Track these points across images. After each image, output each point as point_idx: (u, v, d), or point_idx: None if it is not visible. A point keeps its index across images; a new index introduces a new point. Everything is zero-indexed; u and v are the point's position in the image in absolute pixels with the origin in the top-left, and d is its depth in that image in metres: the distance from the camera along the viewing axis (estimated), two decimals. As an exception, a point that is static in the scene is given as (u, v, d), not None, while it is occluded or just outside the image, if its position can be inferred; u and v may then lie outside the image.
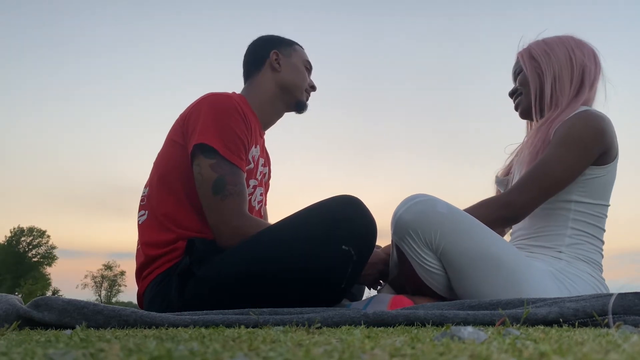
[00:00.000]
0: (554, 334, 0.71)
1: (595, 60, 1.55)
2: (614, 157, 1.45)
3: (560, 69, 1.53)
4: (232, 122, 1.42)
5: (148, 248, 1.45)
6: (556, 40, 1.58)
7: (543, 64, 1.56)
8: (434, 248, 1.33)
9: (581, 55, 1.54)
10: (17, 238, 46.67)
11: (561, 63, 1.54)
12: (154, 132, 66.78)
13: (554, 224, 1.46)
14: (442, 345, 0.52)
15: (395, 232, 1.37)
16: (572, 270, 1.39)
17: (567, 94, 1.51)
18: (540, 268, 1.37)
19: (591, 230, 1.44)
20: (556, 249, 1.43)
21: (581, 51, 1.55)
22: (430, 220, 1.32)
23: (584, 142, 1.40)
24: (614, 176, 1.47)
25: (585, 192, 1.43)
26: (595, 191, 1.44)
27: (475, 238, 1.33)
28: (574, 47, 1.55)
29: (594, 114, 1.44)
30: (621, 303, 0.97)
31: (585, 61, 1.53)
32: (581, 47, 1.56)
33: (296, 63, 1.68)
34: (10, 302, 1.06)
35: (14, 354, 0.48)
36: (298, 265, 1.29)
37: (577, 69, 1.53)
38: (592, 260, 1.42)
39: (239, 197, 1.39)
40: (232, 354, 0.47)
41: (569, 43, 1.56)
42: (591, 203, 1.44)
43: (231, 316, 1.03)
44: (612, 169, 1.45)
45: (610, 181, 1.46)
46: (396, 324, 0.98)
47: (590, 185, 1.43)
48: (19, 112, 67.51)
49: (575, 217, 1.44)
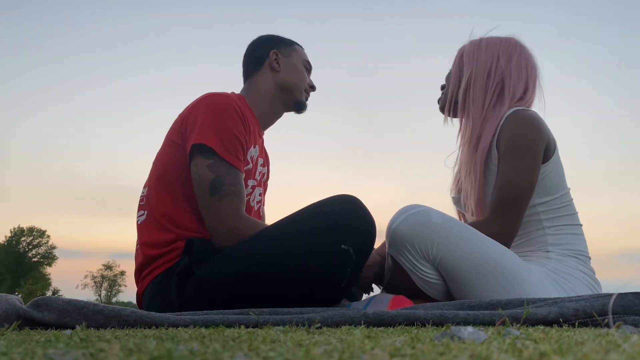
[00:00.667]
0: (554, 334, 0.71)
1: (526, 71, 1.51)
2: (554, 150, 1.46)
3: (475, 76, 1.52)
4: (230, 122, 1.42)
5: (147, 248, 1.45)
6: (490, 43, 1.55)
7: (465, 66, 1.55)
8: (431, 259, 1.33)
9: (506, 64, 1.50)
10: (17, 238, 46.65)
11: (479, 71, 1.52)
12: (153, 132, 66.89)
13: (530, 229, 1.47)
14: (442, 345, 0.52)
15: (391, 245, 1.37)
16: (563, 268, 1.40)
17: (480, 104, 1.49)
18: (537, 270, 1.37)
19: (566, 220, 1.45)
20: (543, 249, 1.45)
21: (508, 59, 1.51)
22: (425, 232, 1.32)
23: (529, 146, 1.40)
24: (561, 166, 1.48)
25: (543, 191, 1.44)
26: (552, 187, 1.45)
27: (471, 245, 1.33)
28: (500, 55, 1.52)
29: (524, 115, 1.43)
30: (621, 303, 0.97)
31: (509, 72, 1.49)
32: (510, 55, 1.52)
33: (296, 63, 1.68)
34: (10, 302, 1.06)
35: (14, 354, 0.48)
36: (298, 265, 1.29)
37: (494, 81, 1.50)
38: (579, 252, 1.43)
39: (236, 197, 1.39)
40: (232, 354, 0.47)
41: (499, 49, 1.53)
42: (554, 198, 1.45)
43: (231, 316, 1.03)
44: (557, 159, 1.46)
45: (560, 171, 1.47)
46: (396, 324, 0.98)
47: (545, 183, 1.44)
48: (18, 112, 67.55)
49: (546, 217, 1.45)
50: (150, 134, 67.21)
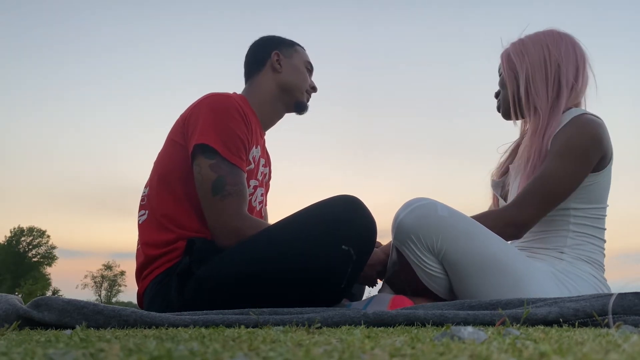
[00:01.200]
0: (554, 334, 0.71)
1: (575, 56, 1.51)
2: (609, 161, 1.44)
3: (533, 70, 1.51)
4: (232, 122, 1.42)
5: (148, 248, 1.45)
6: (533, 38, 1.55)
7: (518, 65, 1.54)
8: (435, 252, 1.33)
9: (556, 53, 1.50)
10: (17, 238, 46.68)
11: (534, 64, 1.51)
12: (154, 132, 66.84)
13: (554, 228, 1.46)
14: (442, 345, 0.52)
15: (397, 237, 1.36)
16: (574, 271, 1.39)
17: (545, 96, 1.49)
18: (541, 269, 1.37)
19: (592, 231, 1.44)
20: (558, 249, 1.43)
21: (557, 48, 1.51)
22: (431, 225, 1.32)
23: (583, 152, 1.38)
24: (610, 178, 1.47)
25: (583, 198, 1.43)
26: (593, 196, 1.44)
27: (476, 240, 1.32)
28: (549, 45, 1.52)
29: (589, 120, 1.42)
30: (621, 303, 0.97)
31: (560, 59, 1.50)
32: (558, 44, 1.52)
33: (297, 64, 1.68)
34: (10, 302, 1.06)
35: (14, 354, 0.48)
36: (298, 265, 1.29)
37: (552, 70, 1.50)
38: (594, 260, 1.42)
39: (238, 197, 1.39)
40: (232, 354, 0.47)
41: (545, 40, 1.53)
42: (590, 208, 1.44)
43: (231, 316, 1.03)
44: (608, 173, 1.45)
45: (607, 184, 1.46)
46: (396, 324, 0.98)
47: (588, 191, 1.43)
48: (18, 112, 67.59)
49: (575, 222, 1.44)
50: (151, 134, 67.31)
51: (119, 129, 73.28)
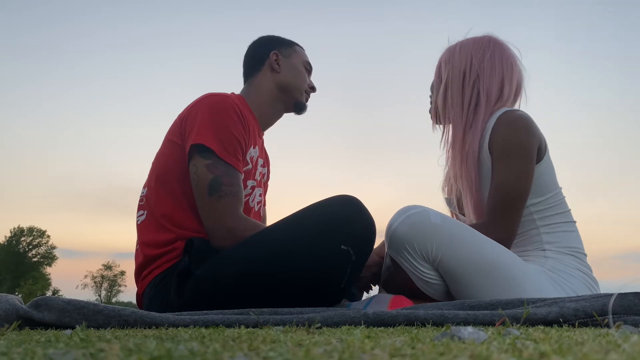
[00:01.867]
0: (554, 334, 0.71)
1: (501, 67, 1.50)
2: (545, 150, 1.45)
3: (452, 79, 1.51)
4: (229, 122, 1.42)
5: (147, 248, 1.45)
6: (464, 45, 1.54)
7: (442, 72, 1.55)
8: (430, 259, 1.33)
9: (478, 63, 1.49)
10: (17, 238, 46.65)
11: (454, 74, 1.51)
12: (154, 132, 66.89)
13: (525, 229, 1.47)
14: (442, 345, 0.52)
15: (391, 246, 1.37)
16: (562, 268, 1.40)
17: (459, 108, 1.48)
18: (536, 270, 1.37)
19: (559, 218, 1.45)
20: (539, 247, 1.44)
21: (481, 59, 1.49)
22: (425, 233, 1.32)
23: (522, 149, 1.39)
24: (552, 165, 1.48)
25: (536, 192, 1.44)
26: (543, 187, 1.44)
27: (471, 246, 1.33)
28: (473, 55, 1.50)
29: (515, 116, 1.42)
30: (621, 303, 0.97)
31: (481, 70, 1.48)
32: (483, 53, 1.50)
33: (296, 64, 1.67)
34: (10, 302, 1.06)
35: (14, 354, 0.48)
36: (297, 265, 1.29)
37: (470, 80, 1.49)
38: (575, 249, 1.43)
39: (234, 197, 1.38)
40: (232, 354, 0.47)
41: (471, 49, 1.52)
42: (546, 198, 1.45)
43: (231, 316, 1.03)
44: (548, 160, 1.46)
45: (551, 172, 1.47)
46: (396, 324, 0.98)
47: (537, 184, 1.43)
48: (18, 112, 67.58)
49: (539, 216, 1.45)
50: (151, 134, 67.29)
51: (119, 129, 73.34)
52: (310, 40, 71.00)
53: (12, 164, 64.89)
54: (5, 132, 66.02)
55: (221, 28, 76.01)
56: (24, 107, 67.48)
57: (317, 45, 70.93)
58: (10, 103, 67.28)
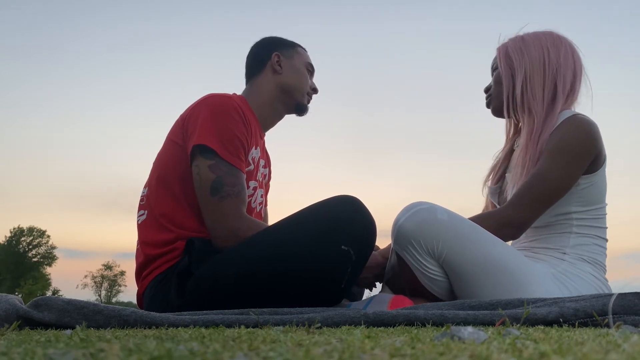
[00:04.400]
0: (554, 334, 0.71)
1: (573, 62, 1.50)
2: (603, 162, 1.44)
3: (532, 70, 1.50)
4: (231, 123, 1.42)
5: (147, 248, 1.45)
6: (533, 37, 1.53)
7: (516, 62, 1.52)
8: (436, 256, 1.33)
9: (556, 57, 1.49)
10: (17, 238, 46.65)
11: (534, 64, 1.50)
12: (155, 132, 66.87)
13: (556, 231, 1.46)
14: (442, 345, 0.52)
15: (397, 241, 1.36)
16: (575, 271, 1.39)
17: (541, 98, 1.48)
18: (542, 270, 1.37)
19: (594, 232, 1.44)
20: (560, 250, 1.43)
21: (557, 52, 1.50)
22: (431, 229, 1.32)
23: (576, 152, 1.38)
24: (605, 178, 1.47)
25: (582, 201, 1.43)
26: (591, 198, 1.44)
27: (476, 243, 1.32)
28: (549, 47, 1.50)
29: (582, 120, 1.42)
30: (621, 303, 0.97)
31: (559, 64, 1.49)
32: (558, 47, 1.50)
33: (298, 65, 1.67)
34: (10, 302, 1.06)
35: (14, 354, 0.48)
36: (298, 265, 1.29)
37: (550, 73, 1.49)
38: (596, 261, 1.42)
39: (237, 198, 1.38)
40: (232, 354, 0.47)
41: (545, 42, 1.51)
42: (591, 209, 1.44)
43: (231, 316, 1.03)
44: (602, 173, 1.45)
45: (603, 185, 1.46)
46: (396, 324, 0.98)
47: (587, 193, 1.43)
48: (19, 111, 67.59)
49: (577, 224, 1.44)
50: (152, 134, 67.33)
51: (119, 129, 73.37)
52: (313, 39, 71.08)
53: (12, 164, 64.95)
54: (5, 132, 66.08)
55: (223, 28, 76.06)
56: (24, 107, 67.54)
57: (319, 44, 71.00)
58: (10, 103, 67.34)
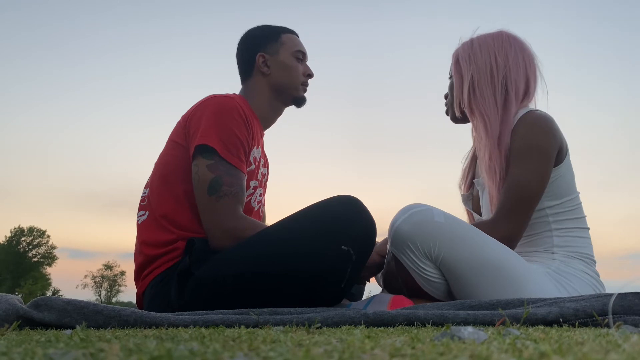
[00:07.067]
0: (554, 334, 0.71)
1: (524, 63, 1.50)
2: (566, 153, 1.45)
3: (479, 76, 1.50)
4: (233, 123, 1.42)
5: (147, 248, 1.45)
6: (482, 42, 1.53)
7: (464, 69, 1.53)
8: (433, 258, 1.33)
9: (504, 61, 1.49)
10: (17, 238, 46.65)
11: (480, 70, 1.50)
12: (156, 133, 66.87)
13: (537, 231, 1.47)
14: (442, 345, 0.52)
15: (394, 244, 1.36)
16: (568, 270, 1.40)
17: (492, 103, 1.48)
18: (538, 270, 1.37)
19: (573, 224, 1.45)
20: (549, 250, 1.44)
21: (505, 56, 1.49)
22: (428, 231, 1.32)
23: (541, 147, 1.39)
24: (571, 169, 1.47)
25: (553, 195, 1.44)
26: (561, 190, 1.44)
27: (474, 245, 1.32)
28: (497, 52, 1.50)
29: (538, 116, 1.42)
30: (621, 303, 0.97)
31: (508, 68, 1.48)
32: (506, 50, 1.50)
33: (285, 60, 1.63)
34: (10, 302, 1.06)
35: (14, 354, 0.48)
36: (298, 265, 1.29)
37: (499, 77, 1.48)
38: (585, 255, 1.43)
39: (234, 198, 1.38)
40: (232, 354, 0.47)
41: (493, 47, 1.51)
42: (563, 201, 1.45)
43: (231, 316, 1.03)
44: (568, 164, 1.46)
45: (570, 176, 1.47)
46: (396, 324, 0.98)
47: (556, 186, 1.43)
48: (19, 111, 67.57)
49: (554, 219, 1.45)
50: (153, 135, 67.35)
51: (120, 129, 73.35)
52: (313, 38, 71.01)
53: (12, 164, 64.95)
54: (5, 132, 66.06)
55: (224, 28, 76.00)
56: (24, 107, 67.54)
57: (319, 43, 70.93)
58: (10, 103, 67.32)
